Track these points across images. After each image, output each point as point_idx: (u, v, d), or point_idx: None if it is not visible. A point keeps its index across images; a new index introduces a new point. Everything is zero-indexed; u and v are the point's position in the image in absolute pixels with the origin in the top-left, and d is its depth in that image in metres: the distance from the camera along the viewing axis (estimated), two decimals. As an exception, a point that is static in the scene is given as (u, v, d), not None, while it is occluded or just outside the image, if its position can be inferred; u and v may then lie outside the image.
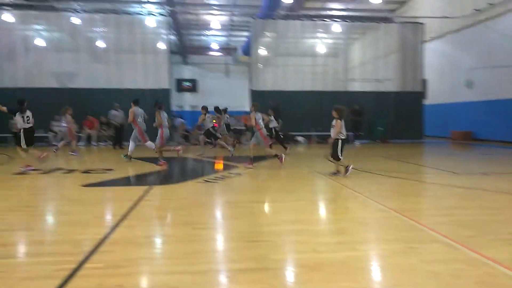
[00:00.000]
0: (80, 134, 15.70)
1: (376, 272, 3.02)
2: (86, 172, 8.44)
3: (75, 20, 16.77)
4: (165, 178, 8.03)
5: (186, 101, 29.14)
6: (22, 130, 8.49)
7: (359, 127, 17.28)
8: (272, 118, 12.96)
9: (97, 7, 18.36)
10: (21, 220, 4.60)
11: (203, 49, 29.07)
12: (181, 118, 19.52)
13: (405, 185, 6.83)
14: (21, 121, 8.45)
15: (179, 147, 9.83)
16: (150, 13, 17.75)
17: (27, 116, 8.51)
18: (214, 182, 7.13)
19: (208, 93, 28.62)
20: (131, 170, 8.95)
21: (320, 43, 20.07)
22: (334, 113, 7.58)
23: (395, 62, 18.99)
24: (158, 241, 3.82)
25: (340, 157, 7.50)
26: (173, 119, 17.81)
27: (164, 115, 9.38)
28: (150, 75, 17.45)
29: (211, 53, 29.43)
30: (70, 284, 2.65)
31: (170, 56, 17.77)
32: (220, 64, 29.43)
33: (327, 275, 2.82)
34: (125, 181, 7.56)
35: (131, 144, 10.25)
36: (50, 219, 4.87)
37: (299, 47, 19.28)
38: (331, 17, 19.98)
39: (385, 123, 18.07)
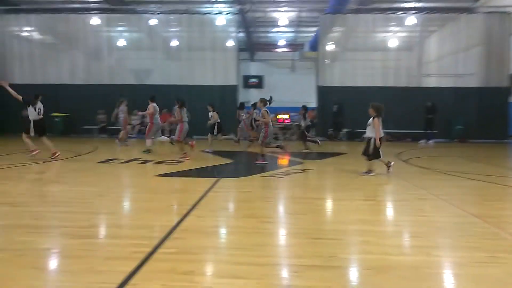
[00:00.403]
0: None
1: (451, 280, 2.81)
2: (159, 163, 8.98)
3: (152, 21, 17.88)
4: (232, 171, 8.25)
5: (252, 97, 29.58)
6: (32, 121, 9.11)
7: (432, 125, 16.16)
8: (302, 116, 12.73)
9: (172, 8, 19.35)
10: (105, 205, 5.03)
11: (270, 45, 29.22)
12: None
13: (486, 189, 6.25)
14: (33, 113, 9.14)
15: (193, 142, 10.39)
16: (220, 12, 18.28)
17: (39, 108, 9.22)
18: (279, 177, 7.16)
19: (273, 89, 28.64)
20: (200, 163, 9.32)
21: (393, 37, 19.09)
22: (371, 111, 7.21)
23: (477, 56, 17.40)
24: (225, 231, 3.94)
25: (381, 155, 7.16)
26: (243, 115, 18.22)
27: (184, 111, 9.75)
28: (219, 72, 18.00)
29: (278, 49, 29.49)
30: (146, 266, 2.84)
31: (238, 53, 18.16)
32: (286, 60, 29.39)
33: (397, 279, 2.69)
34: (194, 173, 7.89)
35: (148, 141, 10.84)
36: (128, 205, 5.27)
37: (369, 42, 18.52)
38: (406, 9, 18.85)
39: (464, 121, 16.68)
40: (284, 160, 10.39)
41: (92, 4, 18.96)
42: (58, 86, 17.93)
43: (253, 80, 29.61)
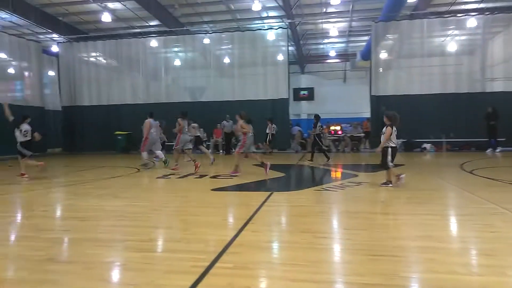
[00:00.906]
0: (208, 142, 17.25)
1: (535, 305, 2.53)
2: (214, 177, 9.19)
3: (206, 40, 18.62)
4: (285, 185, 8.21)
5: (302, 109, 29.49)
6: (19, 143, 9.33)
7: (495, 132, 14.92)
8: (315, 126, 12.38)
9: (224, 27, 20.05)
10: (163, 219, 5.24)
11: (320, 57, 29.07)
12: (298, 126, 19.82)
13: None
14: (19, 135, 9.35)
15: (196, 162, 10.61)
16: (270, 28, 18.58)
17: (25, 130, 9.38)
18: (333, 190, 6.99)
19: (324, 101, 28.45)
20: (252, 177, 9.40)
21: (451, 41, 18.11)
22: (385, 120, 7.19)
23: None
24: (281, 246, 3.89)
25: (390, 166, 7.01)
26: (290, 127, 18.24)
27: (185, 122, 10.11)
28: (270, 86, 18.21)
29: (328, 60, 29.22)
30: (204, 280, 2.89)
31: (288, 66, 18.27)
32: (337, 71, 29.01)
33: (469, 302, 2.47)
34: (248, 187, 7.96)
35: (144, 154, 11.53)
36: (185, 219, 5.42)
37: (425, 47, 17.73)
38: (465, 11, 17.84)
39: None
40: (338, 173, 10.16)
41: (151, 28, 20.21)
42: (120, 106, 19.23)
43: (303, 92, 29.56)
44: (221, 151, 17.52)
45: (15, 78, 18.90)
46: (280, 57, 18.17)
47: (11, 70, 18.59)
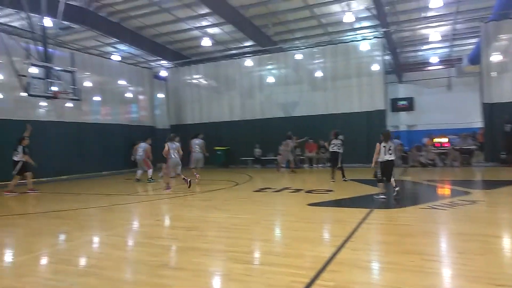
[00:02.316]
0: (302, 157, 17.26)
1: None
2: (309, 192, 9.14)
3: (298, 56, 18.86)
4: (386, 202, 7.77)
5: (401, 121, 27.74)
6: (21, 162, 10.20)
7: None
8: (334, 142, 11.12)
9: (316, 41, 20.10)
10: (262, 232, 5.37)
11: (420, 64, 27.11)
12: (397, 139, 18.67)
13: None
14: (21, 153, 10.26)
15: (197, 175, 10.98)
16: (364, 38, 18.05)
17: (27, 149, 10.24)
18: (441, 209, 6.39)
19: (425, 111, 26.37)
20: (349, 192, 9.10)
21: None
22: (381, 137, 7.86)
23: None
24: (384, 267, 3.68)
25: (378, 178, 7.77)
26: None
27: (173, 145, 10.24)
28: (364, 98, 17.58)
29: (429, 67, 27.11)
30: (306, 296, 2.87)
31: (385, 76, 17.45)
32: (440, 78, 26.71)
33: None
34: (345, 203, 7.73)
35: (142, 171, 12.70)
36: (283, 233, 5.49)
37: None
38: None
39: None
40: (446, 190, 9.27)
41: (246, 48, 21.25)
42: (219, 123, 20.47)
43: (402, 103, 27.83)
44: (314, 165, 17.38)
45: (132, 102, 21.54)
46: (375, 67, 17.45)
47: (128, 95, 21.22)
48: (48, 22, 13.65)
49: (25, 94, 12.93)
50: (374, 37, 17.65)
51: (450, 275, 3.42)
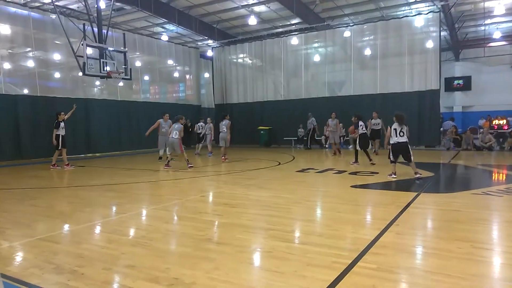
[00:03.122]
0: (347, 138, 16.90)
1: None
2: (353, 173, 8.98)
3: (346, 33, 18.19)
4: (434, 186, 7.46)
5: (456, 102, 26.13)
6: (61, 136, 10.84)
7: None
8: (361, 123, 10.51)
9: (367, 17, 19.22)
10: (304, 212, 5.39)
11: (480, 40, 25.10)
12: (451, 121, 17.66)
13: None
14: (62, 129, 10.88)
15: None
16: (419, 13, 16.98)
17: (63, 125, 10.92)
18: (496, 195, 6.02)
19: (483, 91, 24.65)
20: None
21: None
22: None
23: None
24: (430, 253, 3.55)
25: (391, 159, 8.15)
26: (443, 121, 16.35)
27: (175, 126, 10.43)
28: (416, 77, 16.73)
29: (491, 44, 25.02)
30: (347, 278, 2.86)
31: (440, 54, 16.40)
32: (503, 55, 24.64)
33: None
34: (390, 186, 7.51)
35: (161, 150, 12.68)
36: (325, 214, 5.46)
37: None
38: None
39: None
40: (501, 174, 8.69)
41: (293, 26, 20.82)
42: (263, 102, 20.49)
43: (458, 82, 26.15)
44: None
45: (179, 81, 22.09)
46: (430, 44, 16.40)
47: (176, 74, 21.76)
48: (102, 3, 14.20)
49: (81, 74, 13.70)
50: (430, 12, 16.55)
51: (502, 264, 3.24)
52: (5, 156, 13.11)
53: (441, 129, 17.69)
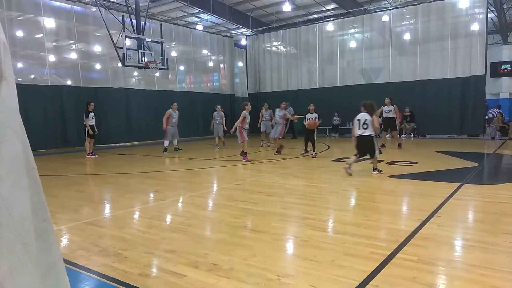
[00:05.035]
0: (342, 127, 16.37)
1: None
2: (391, 163, 8.74)
3: (385, 18, 17.52)
4: (479, 177, 7.12)
5: (503, 88, 24.61)
6: (89, 126, 11.20)
7: None
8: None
9: (406, 0, 18.41)
10: (340, 202, 5.33)
11: (532, 21, 23.37)
12: (497, 108, 16.70)
13: None
14: (91, 118, 11.27)
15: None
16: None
17: (92, 115, 11.33)
18: (549, 188, 5.66)
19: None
20: (436, 165, 8.49)
21: None
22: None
23: None
24: (475, 246, 3.41)
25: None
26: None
27: (173, 113, 11.27)
28: (459, 62, 15.90)
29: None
30: (386, 269, 2.81)
31: (487, 37, 15.46)
32: (560, 37, 22.87)
33: None
34: (431, 176, 7.25)
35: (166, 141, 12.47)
36: (362, 204, 5.37)
37: None
38: None
39: None
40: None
41: (328, 12, 20.32)
42: (298, 91, 20.27)
43: (505, 67, 24.58)
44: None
45: (213, 70, 22.28)
46: (475, 27, 15.48)
47: (210, 64, 21.95)
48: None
49: (121, 65, 14.14)
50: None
51: (556, 261, 3.06)
52: (53, 144, 13.86)
53: (486, 117, 16.78)
